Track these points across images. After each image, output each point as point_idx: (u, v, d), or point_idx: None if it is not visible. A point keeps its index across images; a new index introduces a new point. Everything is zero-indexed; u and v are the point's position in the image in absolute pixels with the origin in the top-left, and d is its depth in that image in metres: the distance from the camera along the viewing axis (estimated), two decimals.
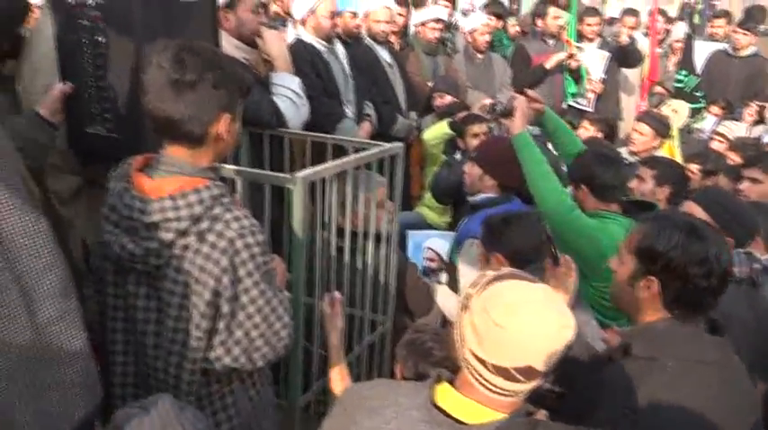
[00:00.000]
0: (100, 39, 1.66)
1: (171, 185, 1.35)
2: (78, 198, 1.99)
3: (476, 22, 4.72)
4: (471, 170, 2.68)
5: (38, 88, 1.87)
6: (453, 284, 2.60)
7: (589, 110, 4.85)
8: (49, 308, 0.97)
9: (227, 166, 1.72)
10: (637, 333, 1.47)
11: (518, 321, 1.10)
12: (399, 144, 2.22)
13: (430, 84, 4.41)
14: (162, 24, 1.66)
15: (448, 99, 4.16)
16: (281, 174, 1.73)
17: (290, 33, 3.93)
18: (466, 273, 2.30)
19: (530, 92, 2.59)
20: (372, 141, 2.25)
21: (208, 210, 1.36)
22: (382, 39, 4.09)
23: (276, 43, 2.51)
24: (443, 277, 3.02)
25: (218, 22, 1.89)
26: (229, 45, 2.36)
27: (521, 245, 1.97)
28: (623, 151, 3.67)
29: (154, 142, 1.57)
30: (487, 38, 4.69)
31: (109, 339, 1.46)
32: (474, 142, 3.51)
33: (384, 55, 4.10)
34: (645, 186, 2.80)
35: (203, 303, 1.35)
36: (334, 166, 1.84)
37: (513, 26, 5.72)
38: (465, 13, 5.65)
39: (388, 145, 2.17)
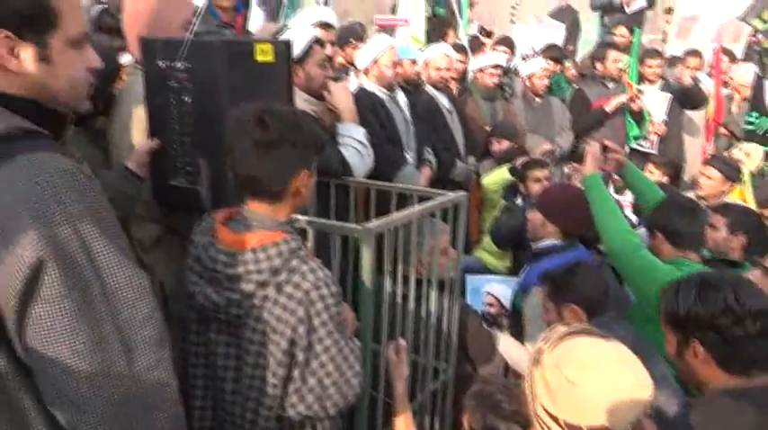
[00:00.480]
0: (186, 99, 1.79)
1: (252, 239, 1.43)
2: (158, 245, 2.11)
3: (534, 67, 4.77)
4: (534, 217, 2.68)
5: (126, 143, 2.02)
6: (517, 332, 2.59)
7: (652, 152, 4.78)
8: (146, 356, 1.04)
9: (299, 217, 1.80)
10: (698, 405, 1.46)
11: (592, 379, 1.10)
12: (463, 193, 2.26)
13: (488, 128, 4.46)
14: (243, 85, 1.78)
15: (506, 144, 4.19)
16: (351, 225, 1.79)
17: (353, 82, 4.08)
18: (532, 322, 2.29)
19: (608, 142, 2.62)
20: (436, 190, 2.29)
21: (286, 263, 1.43)
22: (442, 85, 4.19)
23: (343, 95, 2.62)
24: (504, 323, 3.00)
25: (293, 80, 2.00)
26: (299, 98, 2.48)
27: (591, 291, 1.96)
28: (689, 196, 3.59)
29: (232, 194, 1.68)
30: (546, 82, 4.72)
31: (189, 384, 1.53)
32: (535, 187, 3.52)
33: (443, 101, 4.19)
34: (718, 235, 2.72)
35: (280, 352, 1.41)
36: (400, 217, 1.89)
37: (569, 70, 5.74)
38: (524, 58, 5.71)
39: (451, 194, 2.21)
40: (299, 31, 2.54)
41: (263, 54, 1.83)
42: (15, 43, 1.05)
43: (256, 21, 4.21)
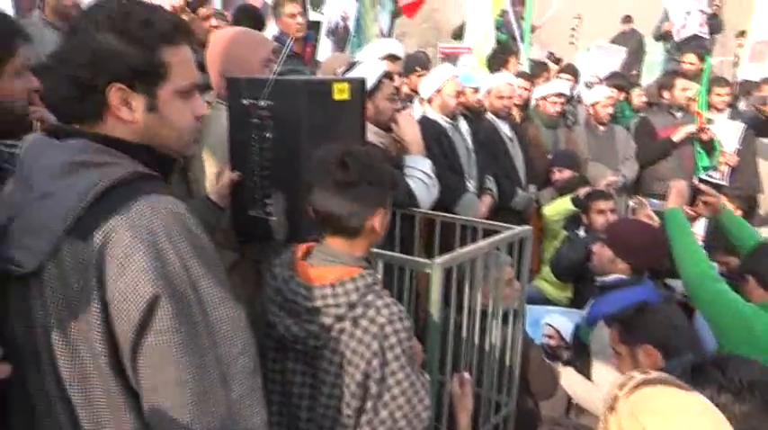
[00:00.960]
0: (267, 135, 1.89)
1: (331, 274, 1.50)
2: (234, 270, 2.21)
3: (598, 95, 4.73)
4: (601, 252, 2.66)
5: (208, 176, 2.13)
6: (582, 366, 2.55)
7: (723, 183, 4.63)
8: (241, 385, 1.11)
9: (392, 253, 1.85)
10: None
11: None
12: (528, 227, 2.27)
13: (550, 157, 4.44)
14: (321, 122, 1.87)
15: (567, 173, 4.16)
16: (421, 260, 1.84)
17: (417, 110, 4.15)
18: (600, 357, 2.26)
19: (703, 186, 2.64)
20: (501, 224, 2.31)
21: (362, 297, 1.48)
22: (504, 114, 4.21)
23: (410, 128, 2.68)
24: (564, 356, 2.96)
25: (366, 116, 2.08)
26: (368, 130, 2.57)
27: (665, 331, 1.94)
28: (765, 231, 3.46)
29: (306, 226, 1.76)
30: (610, 110, 4.67)
31: None
32: (599, 219, 3.48)
33: (505, 129, 4.21)
34: None
35: (354, 383, 1.46)
36: (468, 252, 1.92)
37: (639, 96, 5.62)
38: (588, 85, 5.67)
39: (518, 228, 2.23)
40: (370, 66, 2.63)
41: (341, 93, 1.91)
42: (128, 94, 1.15)
43: (325, 50, 4.35)
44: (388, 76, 2.62)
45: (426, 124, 3.64)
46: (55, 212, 1.07)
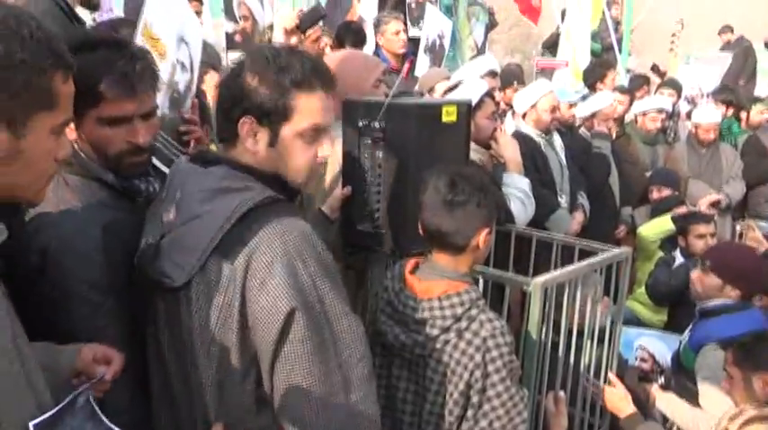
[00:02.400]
0: (378, 154, 2.02)
1: (438, 288, 1.60)
2: None
3: (703, 118, 4.53)
4: (707, 280, 2.60)
5: (320, 191, 2.30)
6: (682, 391, 2.51)
7: None
8: (359, 390, 1.23)
9: (496, 271, 1.93)
10: None
11: None
12: (627, 249, 2.28)
13: (648, 174, 4.33)
14: (429, 143, 1.98)
15: (666, 192, 4.05)
16: (522, 278, 1.90)
17: (509, 124, 4.19)
18: (708, 382, 2.24)
19: None
20: (599, 244, 2.33)
21: (467, 311, 1.58)
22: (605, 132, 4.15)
23: (510, 147, 2.75)
24: (658, 381, 2.91)
25: (470, 136, 2.17)
26: None
27: None
28: None
29: (411, 240, 1.87)
30: (712, 136, 4.47)
31: None
32: (698, 243, 3.38)
33: (599, 143, 4.15)
34: None
35: (457, 392, 1.56)
36: (568, 272, 1.96)
37: (761, 113, 5.26)
38: (688, 100, 5.46)
39: (616, 250, 2.24)
40: (472, 85, 2.72)
41: (449, 115, 2.01)
42: (256, 128, 1.30)
43: (422, 66, 4.48)
44: (488, 94, 2.70)
45: (519, 139, 3.66)
46: (203, 233, 1.23)
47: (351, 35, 4.09)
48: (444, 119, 2.01)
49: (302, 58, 1.33)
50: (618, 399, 2.07)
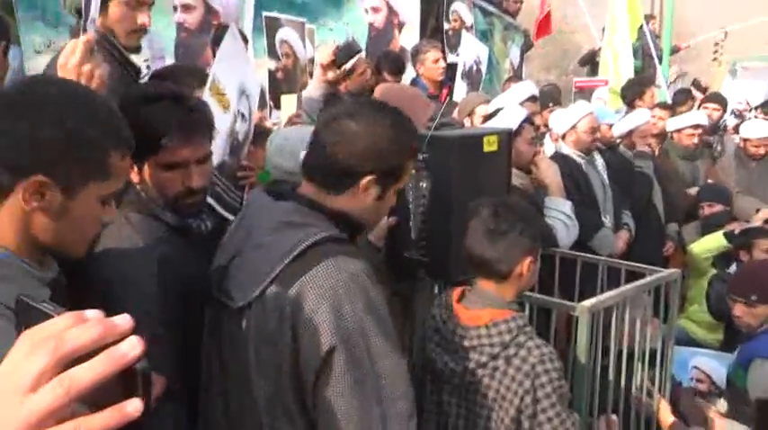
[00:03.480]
0: (423, 184, 2.08)
1: (484, 316, 1.64)
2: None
3: (752, 132, 4.43)
4: (757, 311, 2.55)
5: None
6: (738, 410, 2.46)
7: None
8: (398, 425, 1.28)
9: (542, 296, 1.97)
10: None
11: None
12: (676, 271, 2.27)
13: (690, 191, 4.26)
14: (471, 172, 2.04)
15: (717, 208, 3.98)
16: (569, 303, 1.92)
17: (549, 145, 4.20)
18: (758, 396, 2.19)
19: None
20: (646, 266, 2.32)
21: (514, 338, 1.61)
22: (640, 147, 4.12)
23: (550, 171, 2.77)
24: (720, 404, 2.84)
25: (511, 164, 2.22)
26: None
27: None
28: None
29: (456, 268, 1.92)
30: (762, 151, 4.37)
31: None
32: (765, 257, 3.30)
33: (641, 162, 4.12)
34: None
35: (508, 418, 1.59)
36: (615, 295, 1.98)
37: None
38: (735, 114, 5.35)
39: (664, 271, 2.23)
40: (512, 112, 2.77)
41: (490, 145, 2.07)
42: (373, 185, 1.37)
43: (460, 92, 4.55)
44: (528, 120, 2.74)
45: (560, 160, 3.68)
46: (266, 262, 1.31)
47: (389, 64, 4.19)
48: (486, 148, 2.07)
49: (411, 124, 1.46)
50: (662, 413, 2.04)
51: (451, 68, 4.66)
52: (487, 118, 2.83)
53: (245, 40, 3.50)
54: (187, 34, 3.40)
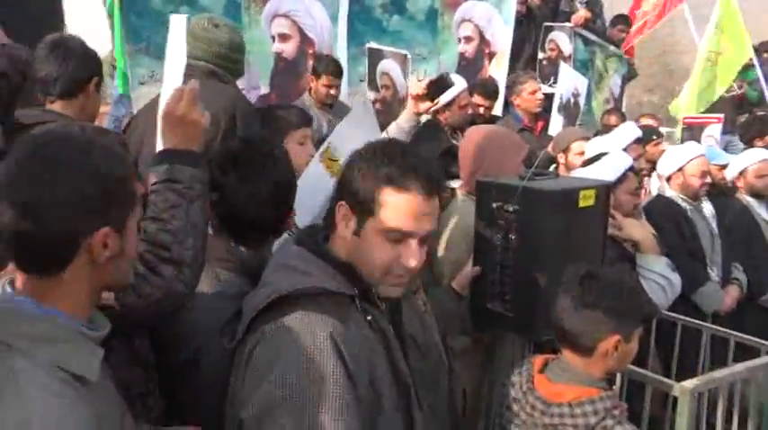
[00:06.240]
0: (511, 236, 1.98)
1: (569, 393, 1.52)
2: (464, 356, 2.34)
3: None
4: None
5: (449, 262, 2.30)
6: None
7: None
8: None
9: (635, 369, 1.81)
10: None
11: None
12: None
13: None
14: (564, 228, 1.91)
15: None
16: (668, 381, 1.75)
17: (653, 185, 3.93)
18: None
19: None
20: (763, 342, 2.08)
21: (600, 421, 1.48)
22: (764, 193, 3.76)
23: (636, 227, 2.58)
24: None
25: (608, 221, 2.07)
26: None
27: None
28: None
29: (541, 326, 1.80)
30: None
31: None
32: None
33: (761, 211, 3.76)
34: None
35: None
36: (723, 377, 1.78)
37: None
38: None
39: None
40: (616, 158, 2.60)
41: (586, 200, 1.94)
42: (349, 215, 1.29)
43: (556, 125, 4.38)
44: (632, 168, 2.57)
45: (663, 204, 3.43)
46: (253, 303, 1.27)
47: (482, 88, 4.12)
48: (581, 203, 1.94)
49: (406, 154, 1.29)
50: None
51: (546, 99, 4.51)
52: (588, 162, 2.67)
53: (341, 71, 3.55)
54: (284, 64, 3.48)
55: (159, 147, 1.41)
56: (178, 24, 1.52)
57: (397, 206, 1.25)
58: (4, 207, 0.96)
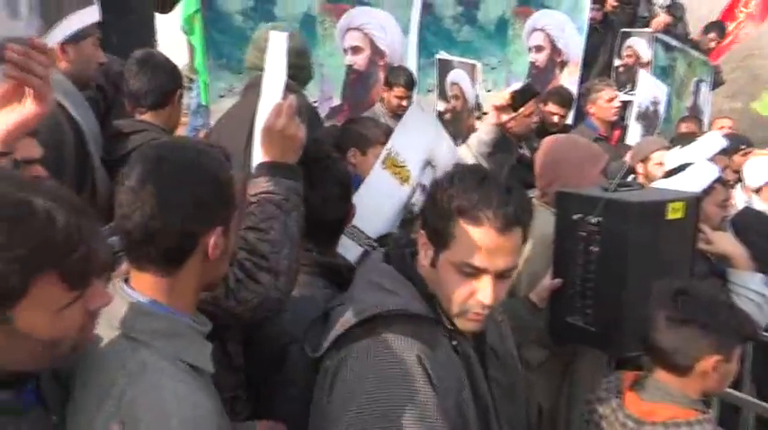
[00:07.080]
0: (593, 248, 1.92)
1: (663, 413, 1.46)
2: (541, 369, 2.28)
3: None
4: None
5: (526, 274, 2.26)
6: None
7: None
8: None
9: (732, 392, 1.72)
10: None
11: None
12: None
13: None
14: (650, 241, 1.84)
15: None
16: (765, 404, 1.65)
17: (739, 197, 3.74)
18: None
19: None
20: None
21: None
22: None
23: (726, 240, 2.43)
24: None
25: (698, 234, 1.98)
26: None
27: None
28: None
29: (625, 342, 1.73)
30: None
31: None
32: None
33: None
34: None
35: None
36: None
37: None
38: None
39: None
40: (703, 169, 2.49)
41: (674, 212, 1.86)
42: (427, 244, 1.29)
43: (634, 134, 4.24)
44: (720, 180, 2.45)
45: (751, 217, 3.25)
46: (342, 318, 1.27)
47: (556, 96, 4.05)
48: (669, 216, 1.87)
49: (484, 184, 1.24)
50: None
51: (622, 107, 4.38)
52: (670, 173, 2.57)
53: (414, 82, 3.56)
54: (355, 75, 3.53)
55: (258, 159, 1.46)
56: (278, 41, 1.54)
57: (469, 240, 1.21)
58: (137, 208, 1.04)
